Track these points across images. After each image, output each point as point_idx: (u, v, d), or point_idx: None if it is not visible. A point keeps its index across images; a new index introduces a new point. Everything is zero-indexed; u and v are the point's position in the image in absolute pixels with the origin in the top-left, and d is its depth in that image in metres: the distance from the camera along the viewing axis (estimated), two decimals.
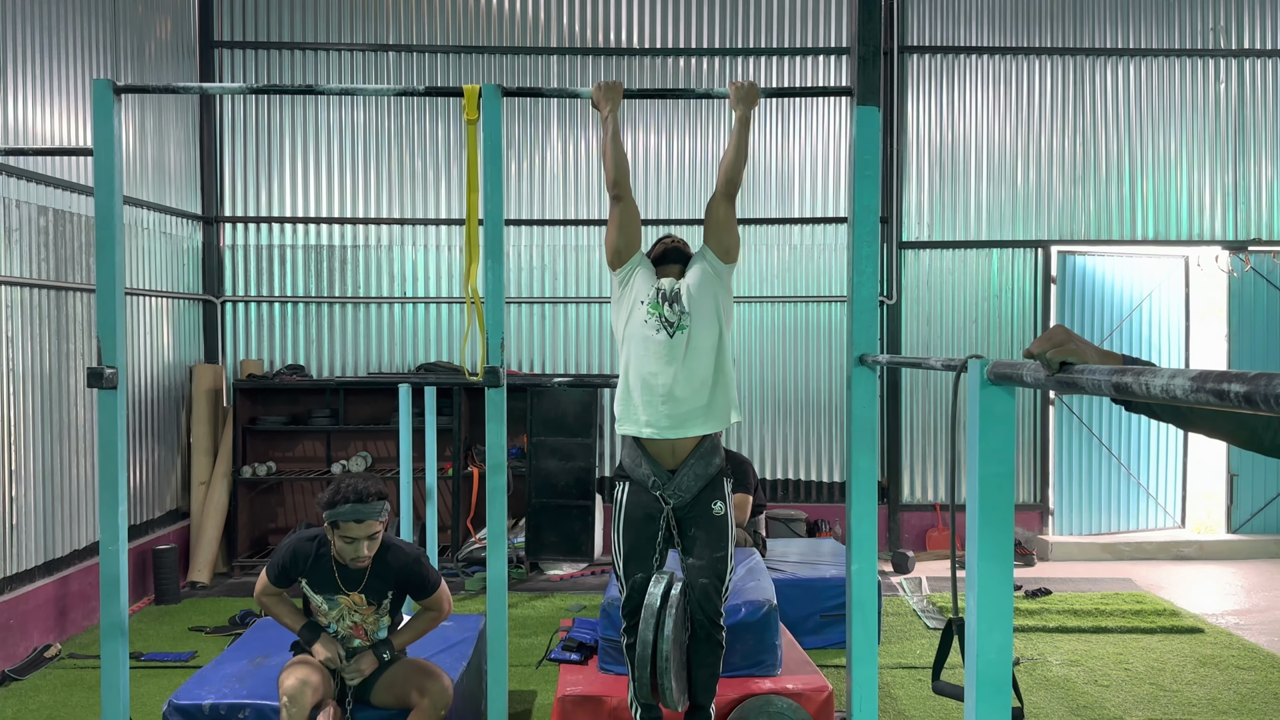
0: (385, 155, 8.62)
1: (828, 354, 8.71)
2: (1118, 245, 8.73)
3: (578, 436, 7.95)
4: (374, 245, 8.68)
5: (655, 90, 8.54)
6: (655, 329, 3.72)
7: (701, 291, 3.77)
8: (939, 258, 8.73)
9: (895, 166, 8.64)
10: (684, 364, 3.69)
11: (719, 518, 3.74)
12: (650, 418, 3.71)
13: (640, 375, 3.73)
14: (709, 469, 3.74)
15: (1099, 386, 1.47)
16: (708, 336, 3.75)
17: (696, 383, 3.71)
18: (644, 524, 3.75)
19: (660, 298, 3.75)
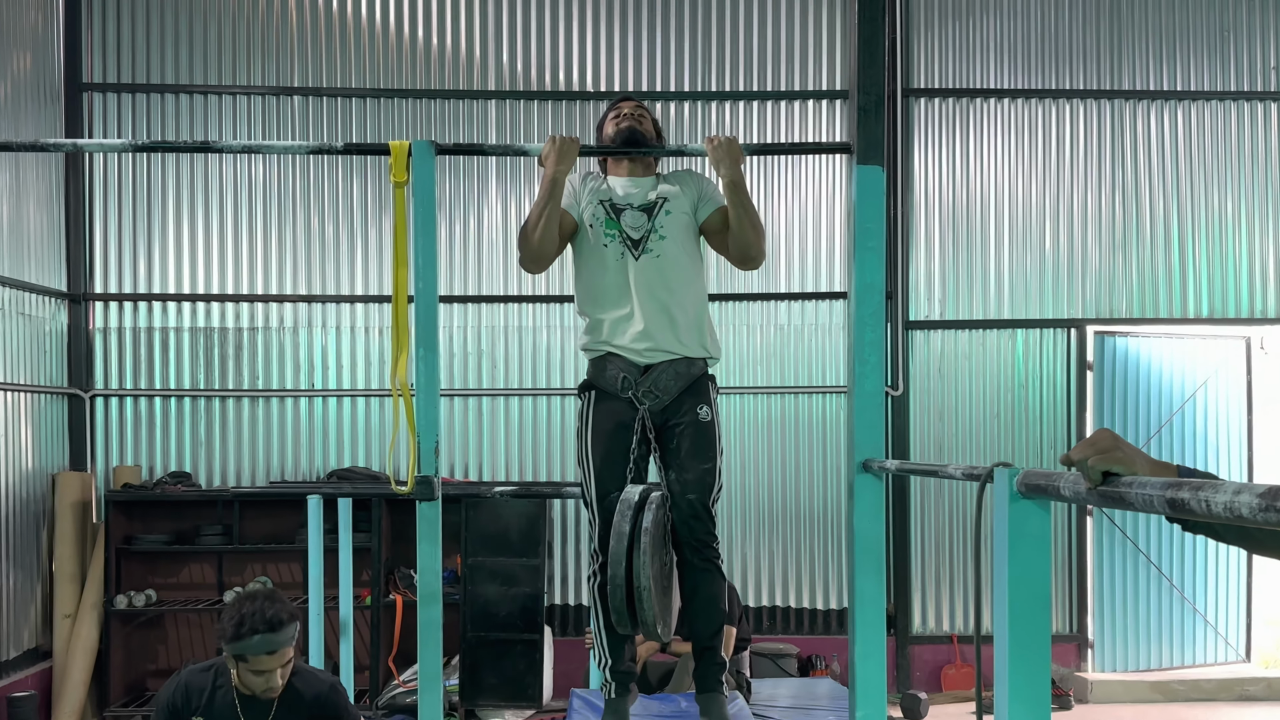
0: (291, 219, 8.51)
1: (822, 456, 8.61)
2: (1166, 324, 8.66)
3: (522, 557, 7.33)
4: (276, 327, 8.55)
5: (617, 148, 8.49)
6: (618, 252, 3.75)
7: (677, 221, 3.79)
8: (953, 340, 8.65)
9: (900, 231, 8.56)
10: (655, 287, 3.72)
11: (705, 424, 3.76)
12: (615, 332, 3.78)
13: (603, 300, 3.78)
14: (691, 368, 3.77)
15: (1151, 503, 1.48)
16: (680, 267, 3.78)
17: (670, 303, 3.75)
18: (615, 434, 3.76)
19: (612, 210, 3.77)
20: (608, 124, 3.94)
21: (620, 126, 3.88)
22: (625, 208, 3.79)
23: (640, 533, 3.50)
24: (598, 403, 3.82)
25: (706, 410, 3.78)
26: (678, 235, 3.80)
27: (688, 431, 3.75)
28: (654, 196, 3.81)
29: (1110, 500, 1.61)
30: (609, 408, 3.79)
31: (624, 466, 3.76)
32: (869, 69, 8.22)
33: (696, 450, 3.75)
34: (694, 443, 3.75)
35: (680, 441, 3.75)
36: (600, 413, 3.81)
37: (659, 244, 3.76)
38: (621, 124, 3.89)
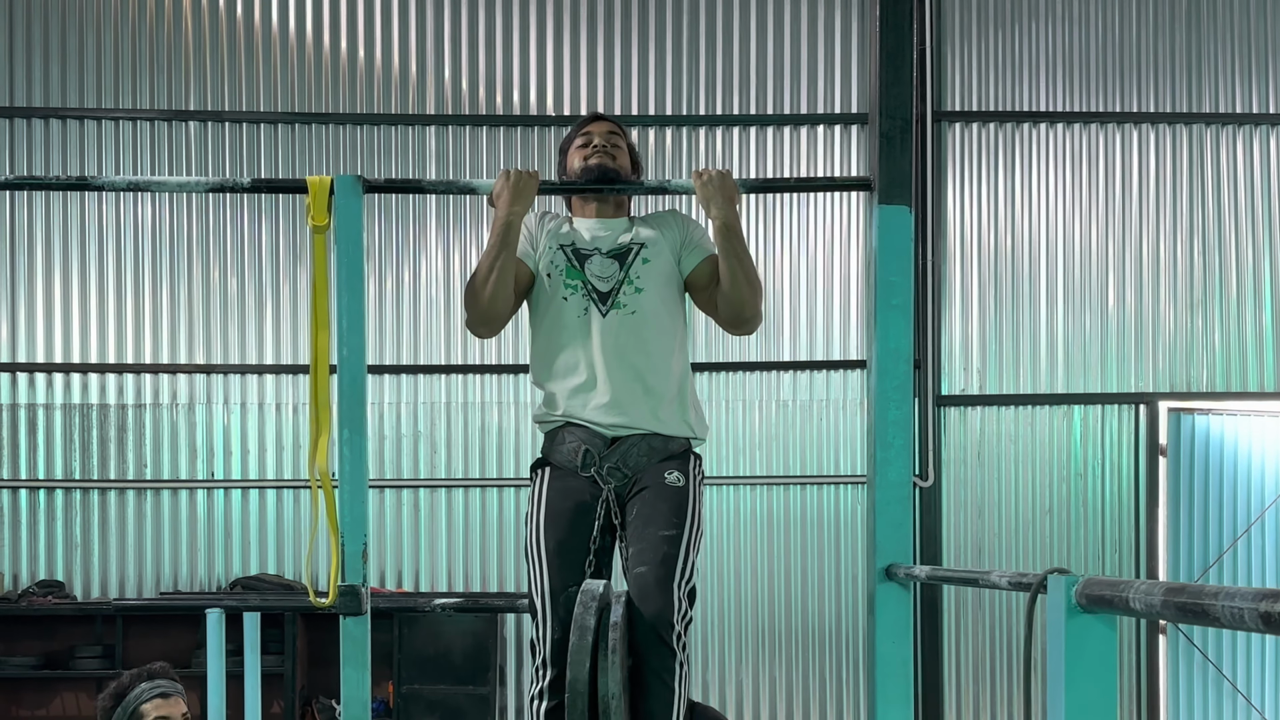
0: (186, 271, 8.29)
1: (835, 561, 8.40)
2: (1255, 400, 8.50)
3: (468, 685, 7.57)
4: (168, 404, 8.34)
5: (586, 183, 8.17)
6: (580, 308, 3.56)
7: (657, 270, 3.61)
8: (994, 418, 8.45)
9: (930, 285, 8.33)
10: (627, 349, 3.54)
11: (673, 488, 3.53)
12: (574, 395, 3.59)
13: (564, 363, 3.60)
14: (669, 444, 3.57)
15: (1240, 618, 1.45)
16: (659, 322, 3.60)
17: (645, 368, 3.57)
18: (573, 518, 3.53)
19: (575, 256, 3.61)
20: (573, 153, 3.70)
21: (589, 162, 3.64)
22: (592, 253, 3.57)
23: (608, 628, 3.29)
24: (552, 481, 3.58)
25: (677, 475, 3.52)
26: (657, 287, 3.59)
27: (650, 496, 3.51)
28: (628, 240, 3.62)
29: (1190, 615, 1.57)
30: (566, 486, 3.55)
31: (582, 558, 3.50)
32: (893, 88, 7.78)
33: (655, 515, 3.47)
34: (654, 508, 3.49)
35: (640, 509, 3.51)
36: (555, 492, 3.55)
37: (633, 297, 3.55)
38: (591, 158, 3.64)
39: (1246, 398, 8.41)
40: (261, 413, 8.32)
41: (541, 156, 8.26)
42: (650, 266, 3.59)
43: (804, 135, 8.40)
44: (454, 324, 8.26)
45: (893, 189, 7.15)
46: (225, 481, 8.27)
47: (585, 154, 3.65)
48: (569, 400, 3.59)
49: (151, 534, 8.24)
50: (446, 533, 8.34)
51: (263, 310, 8.30)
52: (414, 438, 8.32)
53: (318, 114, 8.25)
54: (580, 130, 3.72)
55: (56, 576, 8.15)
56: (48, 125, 8.15)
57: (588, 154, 3.64)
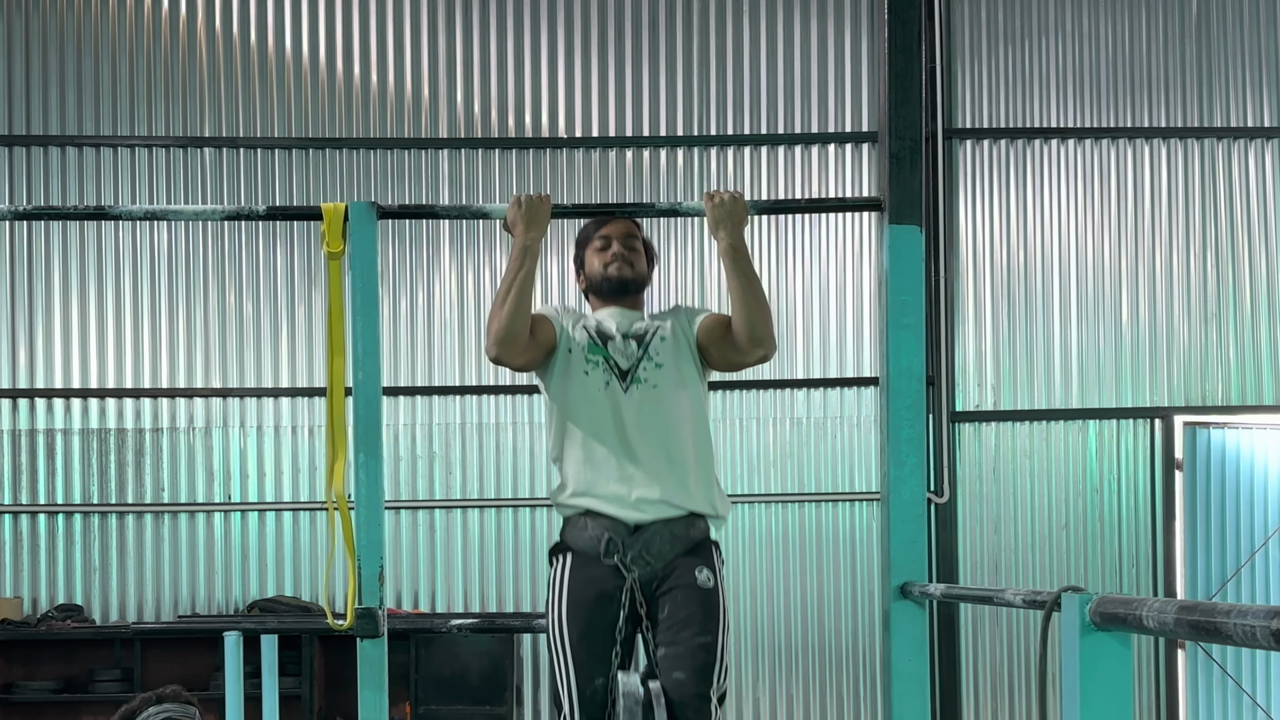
0: (203, 297, 8.34)
1: (850, 578, 8.39)
2: (1272, 413, 8.47)
3: (485, 704, 7.58)
4: (185, 428, 8.39)
5: (597, 206, 8.86)
6: (602, 381, 3.61)
7: (676, 347, 3.69)
8: (1009, 435, 8.45)
9: (943, 303, 8.38)
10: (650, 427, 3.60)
11: (706, 590, 3.58)
12: (596, 482, 3.63)
13: (584, 440, 3.64)
14: (691, 530, 3.61)
15: (1253, 635, 1.46)
16: (678, 399, 3.67)
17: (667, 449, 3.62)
18: (596, 607, 3.56)
19: (599, 337, 3.67)
20: (592, 254, 3.73)
21: (609, 271, 3.69)
22: (613, 335, 3.67)
23: None
24: (574, 569, 3.60)
25: (708, 574, 3.57)
26: (675, 361, 3.67)
27: (682, 597, 3.54)
28: (644, 326, 3.71)
29: (1204, 633, 1.58)
30: (588, 575, 3.57)
31: (608, 648, 3.54)
32: (902, 109, 7.83)
33: (691, 619, 3.51)
34: (690, 611, 3.52)
35: (673, 609, 3.54)
36: (577, 581, 3.58)
37: (654, 372, 3.64)
38: (610, 266, 3.69)
39: (1263, 411, 8.38)
40: (278, 436, 8.35)
41: (553, 179, 8.32)
42: (667, 344, 3.64)
43: (815, 154, 8.42)
44: (468, 346, 8.32)
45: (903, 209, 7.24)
46: (242, 504, 8.30)
47: (605, 260, 3.67)
48: (590, 483, 3.61)
49: (169, 557, 8.29)
50: (463, 553, 8.36)
51: (278, 335, 8.34)
52: (429, 459, 8.34)
53: (331, 139, 8.30)
54: (598, 232, 3.73)
55: (75, 600, 8.19)
56: (64, 153, 8.20)
57: (608, 260, 3.66)
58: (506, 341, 3.55)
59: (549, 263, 8.29)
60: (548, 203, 3.57)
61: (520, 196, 3.57)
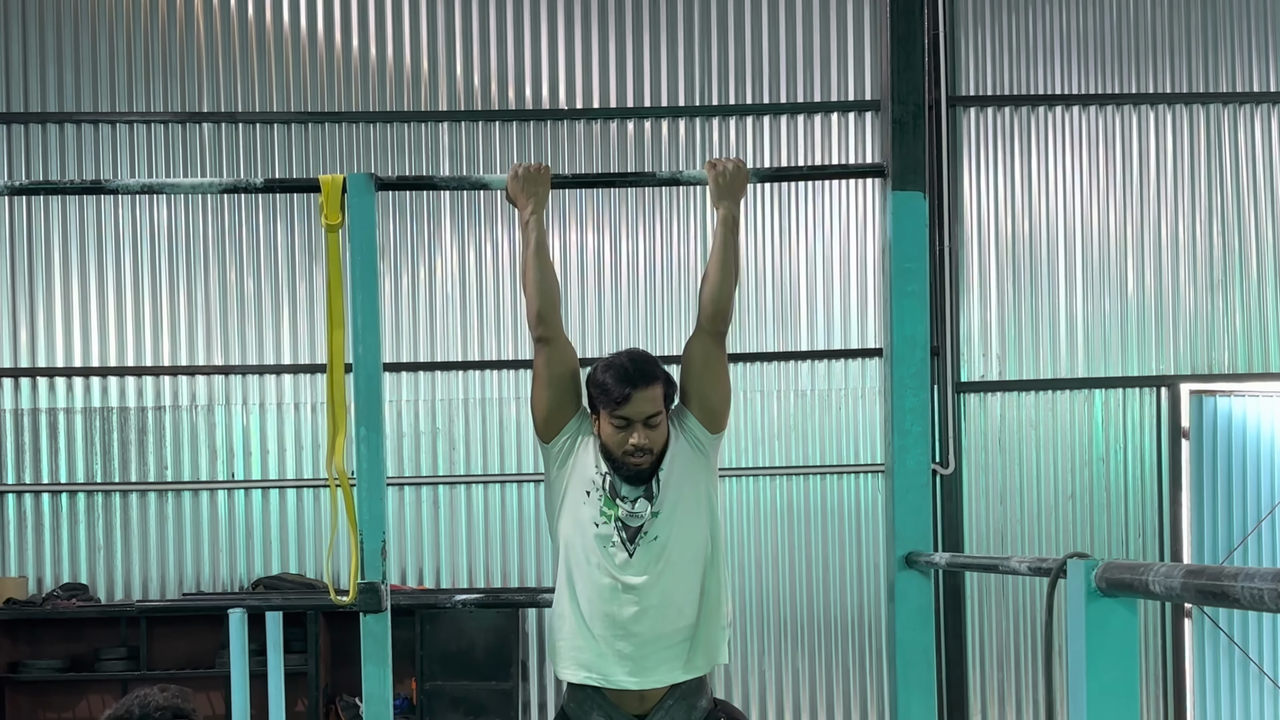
0: (203, 273, 8.39)
1: (856, 549, 8.46)
2: (1279, 380, 8.50)
3: (490, 680, 7.63)
4: (188, 406, 8.46)
5: (598, 176, 8.21)
6: (608, 539, 3.52)
7: (678, 476, 3.57)
8: (1015, 404, 8.50)
9: (948, 272, 8.41)
10: (654, 588, 3.51)
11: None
12: (603, 662, 3.55)
13: (588, 599, 3.57)
14: (699, 699, 3.60)
15: (1260, 599, 1.45)
16: (691, 543, 3.56)
17: (671, 611, 3.53)
18: None
19: (613, 492, 3.53)
20: (606, 424, 3.48)
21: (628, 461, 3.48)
22: (624, 496, 3.54)
23: None
24: None
25: None
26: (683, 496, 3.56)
27: None
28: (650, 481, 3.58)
29: (1210, 597, 1.57)
30: None
31: None
32: (905, 74, 8.64)
33: None
34: None
35: None
36: None
37: (660, 526, 3.54)
38: (631, 458, 3.47)
39: (1270, 379, 8.42)
40: (280, 413, 8.41)
41: (554, 151, 8.35)
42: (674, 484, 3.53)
43: (818, 123, 8.45)
44: (470, 321, 8.39)
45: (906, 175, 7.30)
46: (245, 482, 8.36)
47: (624, 447, 3.48)
48: (592, 659, 3.56)
49: (173, 535, 8.36)
50: (466, 529, 8.42)
51: (279, 310, 8.40)
52: (432, 434, 8.40)
53: (330, 113, 8.32)
54: (617, 410, 3.48)
55: (80, 579, 8.25)
56: (62, 130, 8.24)
57: (627, 450, 3.48)
58: (545, 310, 3.53)
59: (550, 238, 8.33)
60: (547, 173, 3.57)
61: (518, 167, 3.58)
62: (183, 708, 3.63)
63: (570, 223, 8.44)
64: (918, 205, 3.39)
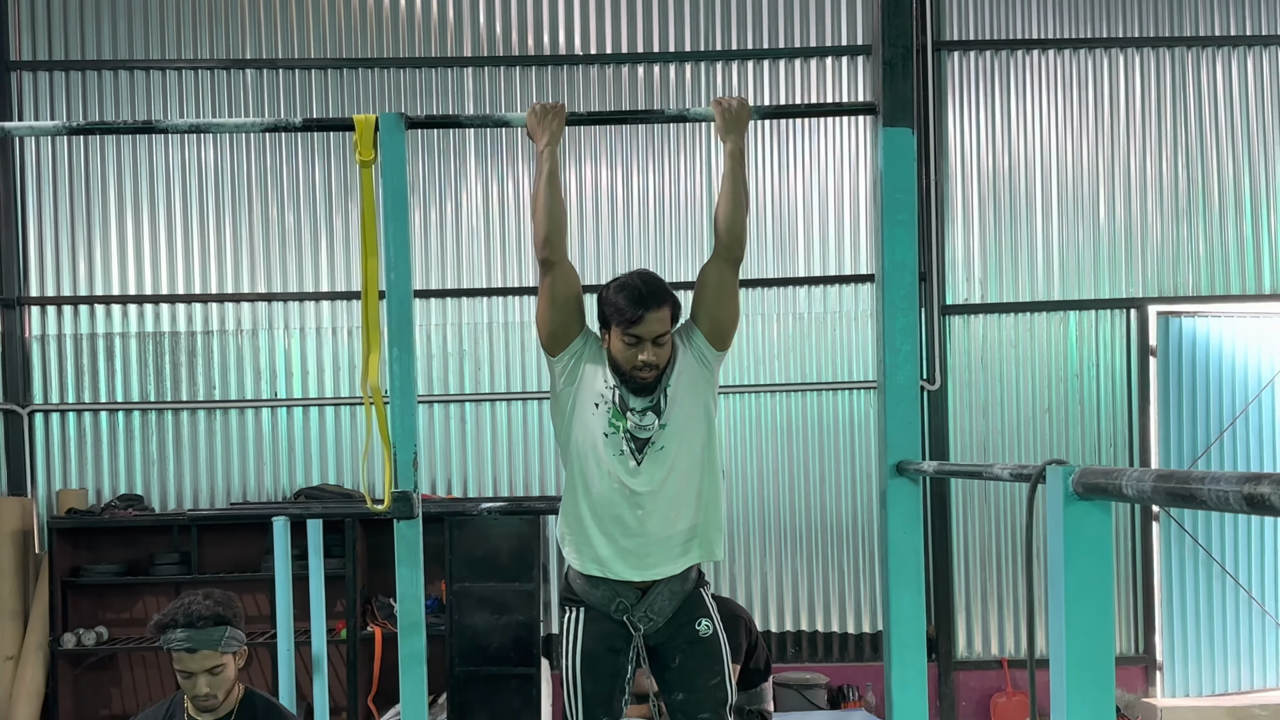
0: (246, 207, 8.56)
1: (850, 460, 8.65)
2: (1239, 302, 8.66)
3: (514, 581, 7.66)
4: (234, 330, 8.63)
5: (611, 113, 8.58)
6: (618, 449, 3.71)
7: (683, 390, 3.76)
8: (996, 325, 8.66)
9: (934, 203, 8.55)
10: (660, 494, 3.71)
11: (707, 638, 3.83)
12: (609, 555, 3.75)
13: (598, 503, 3.75)
14: (686, 583, 3.82)
15: (1226, 500, 1.49)
16: (689, 450, 3.75)
17: (674, 514, 3.73)
18: (606, 660, 3.81)
19: (622, 404, 3.70)
20: (617, 340, 3.68)
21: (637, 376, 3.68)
22: (632, 408, 3.73)
23: None
24: (587, 624, 3.84)
25: (707, 624, 3.84)
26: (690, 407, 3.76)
27: (691, 650, 3.83)
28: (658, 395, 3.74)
29: (1179, 499, 1.61)
30: (599, 629, 3.82)
31: (613, 692, 3.83)
32: (894, 19, 8.21)
33: (703, 668, 3.81)
34: (699, 661, 3.81)
35: (684, 661, 3.82)
36: (589, 635, 3.83)
37: (666, 436, 3.73)
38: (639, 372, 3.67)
39: (1230, 300, 8.55)
40: (319, 336, 8.54)
41: (570, 93, 8.54)
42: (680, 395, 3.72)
43: (813, 66, 8.56)
44: (493, 250, 8.54)
45: (896, 113, 7.85)
46: (287, 400, 8.53)
47: (633, 361, 3.66)
48: (599, 551, 3.77)
49: (221, 450, 8.52)
50: (491, 443, 8.54)
51: (317, 241, 8.53)
52: (459, 356, 8.54)
53: (364, 59, 8.44)
54: (629, 329, 3.66)
55: (136, 491, 8.47)
56: (116, 76, 8.38)
57: (636, 365, 3.66)
58: (552, 234, 3.67)
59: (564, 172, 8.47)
60: (562, 110, 3.67)
61: (537, 105, 3.68)
62: (224, 614, 3.71)
63: (585, 159, 8.56)
64: (906, 141, 3.46)
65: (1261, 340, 8.65)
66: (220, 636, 3.70)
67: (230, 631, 3.74)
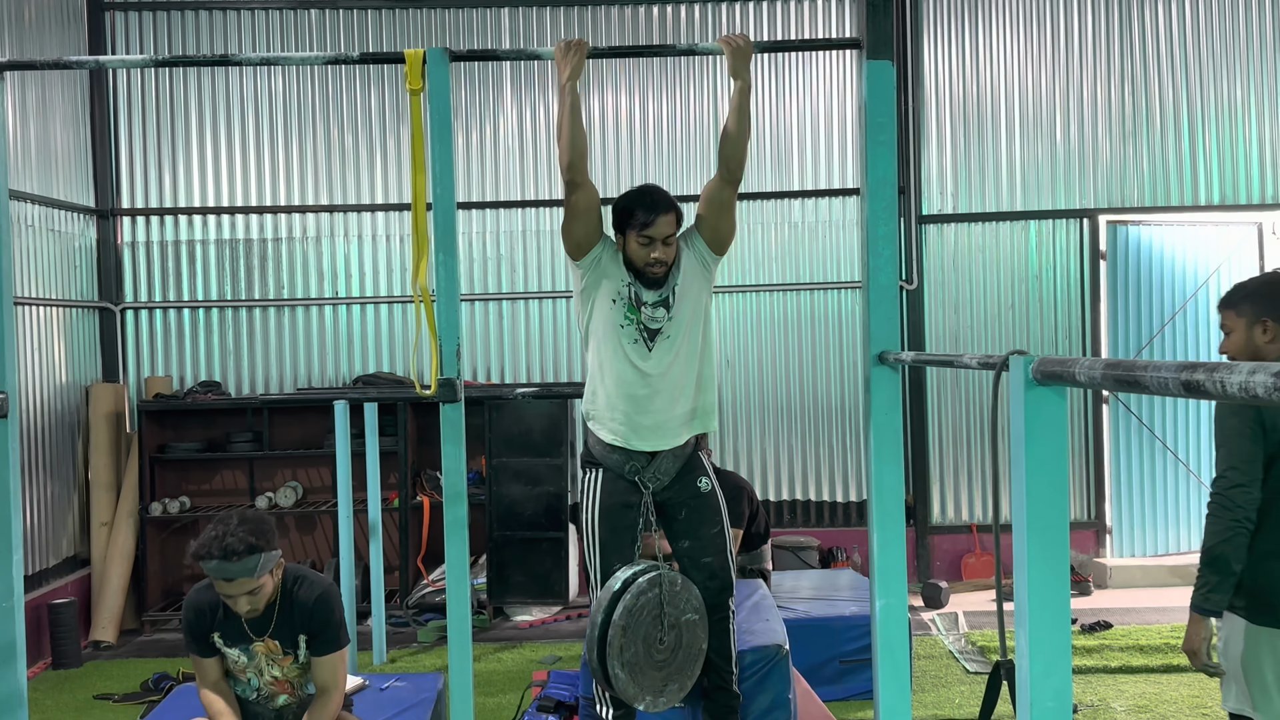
0: (310, 131, 8.94)
1: (838, 350, 9.04)
2: (1178, 212, 8.96)
3: (545, 457, 8.12)
4: (299, 237, 9.00)
5: (628, 48, 8.54)
6: (632, 338, 3.99)
7: (688, 287, 4.03)
8: (966, 233, 9.02)
9: (911, 126, 8.88)
10: (667, 375, 3.99)
11: (706, 494, 4.10)
12: (626, 428, 4.01)
13: (615, 383, 4.00)
14: (686, 448, 4.11)
15: (1166, 385, 1.50)
16: (692, 339, 4.04)
17: (678, 393, 4.02)
18: (621, 513, 4.03)
19: (636, 299, 3.99)
20: (634, 241, 3.96)
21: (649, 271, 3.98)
22: (645, 301, 4.02)
23: (610, 626, 3.81)
24: (605, 482, 4.08)
25: (706, 481, 4.14)
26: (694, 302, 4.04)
27: (693, 504, 4.11)
28: (667, 290, 4.02)
29: (1125, 385, 1.63)
30: (615, 487, 4.07)
31: (626, 542, 4.04)
32: None
33: (703, 519, 4.10)
34: (700, 514, 4.11)
35: (688, 514, 4.11)
36: (606, 492, 4.07)
37: (674, 326, 4.01)
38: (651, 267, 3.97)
39: (1169, 211, 8.88)
40: (374, 243, 8.91)
41: (594, 30, 8.88)
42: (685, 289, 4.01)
43: (805, 6, 8.95)
44: (526, 168, 8.90)
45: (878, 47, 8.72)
46: (346, 299, 8.90)
47: (646, 258, 3.95)
48: (617, 424, 4.02)
49: (289, 342, 8.92)
50: (525, 335, 8.94)
51: (373, 159, 8.88)
52: (496, 260, 8.93)
53: (410, 1, 8.79)
54: (643, 230, 3.92)
55: (215, 378, 8.89)
56: (197, 15, 8.78)
57: (649, 261, 3.95)
58: (575, 159, 3.86)
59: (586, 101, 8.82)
60: (584, 45, 3.79)
61: (562, 41, 3.85)
62: (256, 542, 3.63)
63: (606, 88, 8.91)
64: (887, 72, 3.57)
65: (1197, 246, 8.97)
66: (255, 565, 3.63)
67: (264, 558, 3.65)
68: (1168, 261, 8.99)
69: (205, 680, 3.92)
